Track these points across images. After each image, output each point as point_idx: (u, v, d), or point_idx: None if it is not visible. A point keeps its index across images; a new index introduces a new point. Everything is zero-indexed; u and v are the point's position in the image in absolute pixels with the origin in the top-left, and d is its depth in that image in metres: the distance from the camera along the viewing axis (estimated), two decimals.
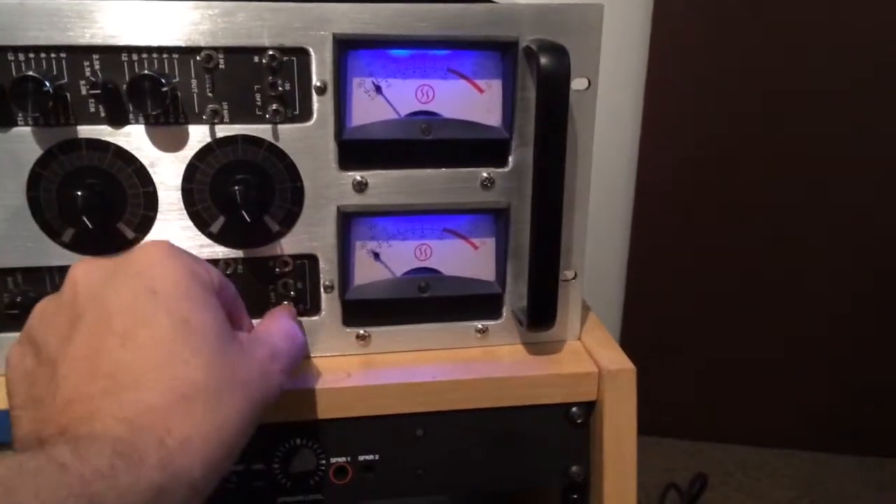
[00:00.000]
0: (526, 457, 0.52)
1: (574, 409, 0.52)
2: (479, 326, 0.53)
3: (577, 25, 0.48)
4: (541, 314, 0.50)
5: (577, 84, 0.49)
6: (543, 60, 0.45)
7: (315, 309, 0.51)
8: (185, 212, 0.47)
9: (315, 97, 0.47)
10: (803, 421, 1.60)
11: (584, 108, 0.50)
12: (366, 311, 0.52)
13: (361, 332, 0.52)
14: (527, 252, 0.51)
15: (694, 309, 1.53)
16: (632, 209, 1.48)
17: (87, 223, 0.44)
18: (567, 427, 0.52)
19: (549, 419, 0.52)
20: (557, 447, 0.52)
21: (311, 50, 0.46)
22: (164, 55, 0.44)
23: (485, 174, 0.50)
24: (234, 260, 0.49)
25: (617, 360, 0.52)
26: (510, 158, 0.50)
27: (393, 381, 0.50)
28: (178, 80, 0.45)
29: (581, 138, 0.50)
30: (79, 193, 0.44)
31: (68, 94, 0.44)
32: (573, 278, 0.53)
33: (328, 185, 0.48)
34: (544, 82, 0.46)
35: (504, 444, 0.52)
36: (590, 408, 0.52)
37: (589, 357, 0.53)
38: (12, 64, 0.43)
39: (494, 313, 0.53)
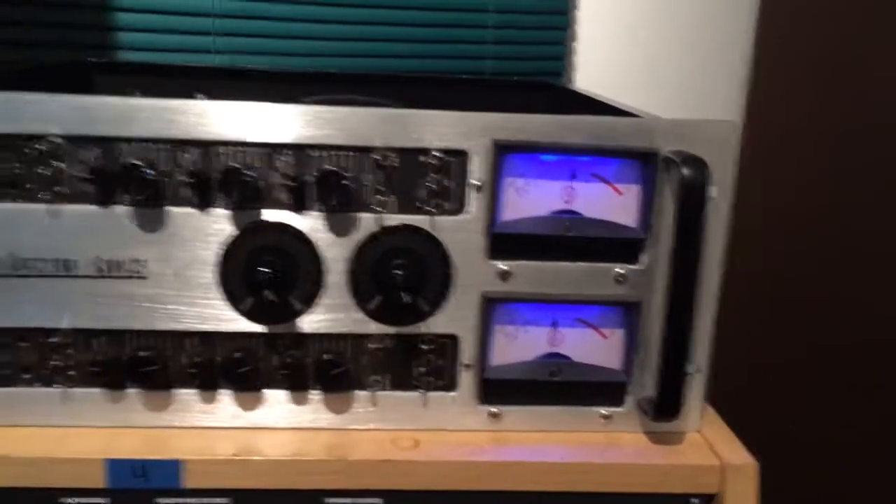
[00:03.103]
0: None
1: (694, 500, 0.54)
2: (604, 412, 0.56)
3: (712, 139, 0.52)
4: (668, 405, 0.53)
5: (711, 192, 0.53)
6: (685, 171, 0.50)
7: (452, 385, 0.55)
8: (348, 290, 0.52)
9: (470, 193, 0.52)
10: None
11: (716, 214, 0.53)
12: (499, 390, 0.55)
13: (494, 410, 0.56)
14: (653, 344, 0.54)
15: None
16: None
17: (270, 296, 0.49)
18: None
19: None
20: None
21: (470, 152, 0.51)
22: (344, 153, 0.51)
23: (619, 270, 0.54)
24: (386, 335, 0.54)
25: (740, 455, 0.54)
26: (643, 256, 0.54)
27: (523, 458, 0.53)
28: (354, 174, 0.51)
29: (712, 241, 0.54)
30: (264, 269, 0.50)
31: (261, 183, 0.50)
32: (697, 372, 0.56)
33: (476, 273, 0.53)
34: (685, 190, 0.50)
35: None
36: (709, 500, 0.54)
37: (709, 449, 0.55)
38: (218, 157, 0.50)
39: (619, 401, 0.56)
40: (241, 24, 0.96)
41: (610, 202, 0.53)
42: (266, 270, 0.50)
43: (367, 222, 0.52)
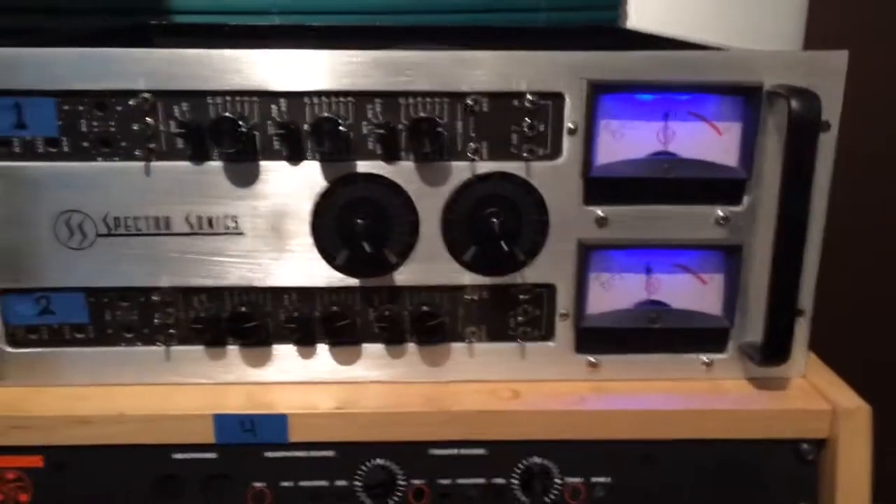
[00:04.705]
0: (754, 490, 0.53)
1: (804, 445, 0.52)
2: (705, 359, 0.55)
3: (821, 71, 0.49)
4: (776, 350, 0.51)
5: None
6: (795, 105, 0.47)
7: (549, 335, 0.54)
8: (442, 240, 0.52)
9: (566, 137, 0.50)
10: None
11: (824, 151, 0.51)
12: (597, 339, 0.54)
13: (592, 359, 0.55)
14: (755, 289, 0.52)
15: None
16: None
17: (366, 247, 0.49)
18: (796, 464, 0.52)
19: (778, 455, 0.52)
20: (786, 483, 0.53)
21: (566, 94, 0.50)
22: (437, 99, 0.49)
23: (720, 212, 0.52)
24: (481, 286, 0.53)
25: (851, 399, 0.52)
26: (745, 198, 0.52)
27: (624, 407, 0.52)
28: (446, 121, 0.49)
29: (819, 179, 0.51)
30: (359, 220, 0.49)
31: (351, 133, 0.49)
32: (801, 316, 0.54)
33: (572, 219, 0.52)
34: (795, 126, 0.47)
35: (732, 475, 0.53)
36: (820, 445, 0.52)
37: (818, 394, 0.53)
38: (307, 107, 0.49)
39: (721, 347, 0.55)
40: None
41: (709, 142, 0.51)
42: (361, 222, 0.49)
43: (461, 170, 0.50)
